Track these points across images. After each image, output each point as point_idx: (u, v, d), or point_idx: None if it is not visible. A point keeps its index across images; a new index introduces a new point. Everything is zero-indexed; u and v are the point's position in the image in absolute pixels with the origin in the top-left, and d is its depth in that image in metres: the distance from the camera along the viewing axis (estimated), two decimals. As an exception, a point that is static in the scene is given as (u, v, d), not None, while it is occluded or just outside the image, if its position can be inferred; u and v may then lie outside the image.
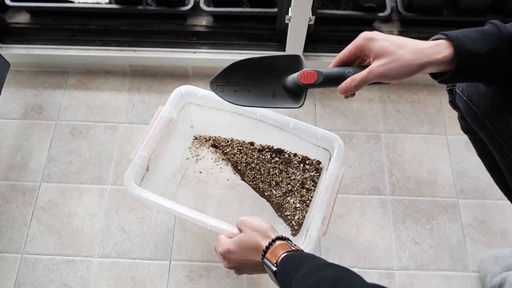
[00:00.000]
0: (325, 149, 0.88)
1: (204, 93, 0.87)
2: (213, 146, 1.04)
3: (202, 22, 1.15)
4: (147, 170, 0.85)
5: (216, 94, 0.62)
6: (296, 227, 0.93)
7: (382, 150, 1.09)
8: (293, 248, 0.57)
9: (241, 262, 0.61)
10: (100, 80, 1.20)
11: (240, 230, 0.64)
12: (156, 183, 0.91)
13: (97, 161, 1.08)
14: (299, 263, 0.51)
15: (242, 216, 0.68)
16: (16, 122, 1.12)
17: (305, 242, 0.73)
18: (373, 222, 1.00)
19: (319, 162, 1.00)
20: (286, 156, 1.00)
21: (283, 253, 0.55)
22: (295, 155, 1.02)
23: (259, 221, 0.62)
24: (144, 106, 1.16)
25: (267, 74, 0.62)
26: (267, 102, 0.61)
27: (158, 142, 0.84)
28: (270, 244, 0.57)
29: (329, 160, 0.85)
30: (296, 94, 0.60)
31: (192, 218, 0.74)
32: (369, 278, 0.92)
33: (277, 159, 1.00)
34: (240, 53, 1.11)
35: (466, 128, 0.72)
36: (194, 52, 1.12)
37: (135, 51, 1.13)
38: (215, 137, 1.05)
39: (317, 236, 0.73)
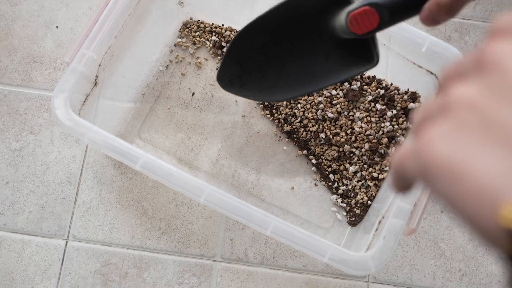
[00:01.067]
0: (432, 73, 0.81)
1: None
2: (218, 46, 0.93)
3: None
4: (95, 84, 0.79)
5: (236, 94, 0.65)
6: (357, 211, 0.86)
7: None
8: None
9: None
10: None
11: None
12: (110, 109, 0.88)
13: None
14: None
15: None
16: None
17: (377, 244, 0.69)
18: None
19: (414, 97, 0.89)
20: (354, 87, 0.89)
21: None
22: (370, 81, 0.90)
23: None
24: None
25: (301, 27, 0.61)
26: (321, 76, 0.61)
27: (117, 34, 0.78)
28: None
29: (436, 95, 0.73)
30: (359, 43, 0.59)
31: (179, 183, 0.69)
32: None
33: (334, 92, 0.90)
34: None
35: None
36: None
37: None
38: (223, 27, 0.94)
39: (399, 236, 0.68)
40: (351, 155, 0.87)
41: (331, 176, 0.86)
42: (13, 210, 0.85)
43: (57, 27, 0.93)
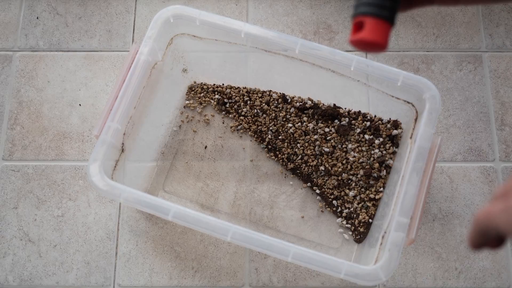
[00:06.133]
0: (409, 102, 0.82)
1: (204, 18, 0.80)
2: (221, 103, 0.95)
3: None
4: (122, 150, 0.80)
5: None
6: (361, 230, 0.87)
7: (485, 82, 0.99)
8: None
9: None
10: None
11: None
12: (136, 169, 0.89)
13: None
14: None
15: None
16: None
17: (383, 256, 0.69)
18: (472, 210, 0.91)
19: (396, 125, 0.91)
20: (344, 123, 0.92)
21: None
22: (356, 116, 0.93)
23: None
24: (57, 20, 1.02)
25: None
26: None
27: (136, 105, 0.79)
28: None
29: (415, 121, 0.81)
30: None
31: (207, 227, 0.70)
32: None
33: (327, 129, 0.92)
34: None
35: None
36: None
37: None
38: (223, 86, 0.96)
39: (402, 247, 0.69)
40: (349, 181, 0.88)
41: (334, 202, 0.87)
42: (63, 269, 0.86)
43: (80, 105, 0.95)
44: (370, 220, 0.86)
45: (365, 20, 0.38)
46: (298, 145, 0.91)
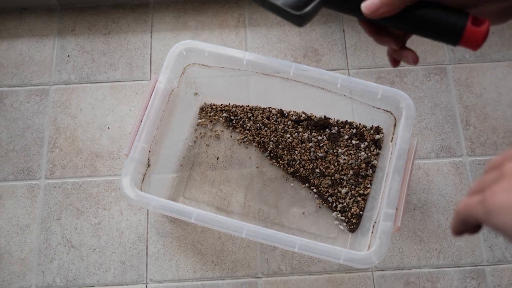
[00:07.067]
0: (388, 111, 0.84)
1: (212, 50, 0.82)
2: (228, 120, 0.98)
3: None
4: (148, 165, 0.82)
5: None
6: (353, 221, 0.90)
7: (450, 89, 1.01)
8: None
9: None
10: (13, 23, 1.08)
11: None
12: (160, 180, 0.91)
13: (20, 145, 0.99)
14: None
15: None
16: None
17: (375, 244, 0.71)
18: (446, 198, 0.93)
19: (378, 131, 0.94)
20: (334, 131, 0.95)
21: None
22: (344, 125, 0.97)
23: None
24: (85, 56, 1.06)
25: None
26: None
27: (158, 126, 0.82)
28: None
29: (394, 126, 0.84)
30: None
31: (224, 226, 0.72)
32: (447, 279, 0.89)
33: (320, 137, 0.95)
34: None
35: None
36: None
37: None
38: (229, 105, 1.00)
39: (390, 234, 0.71)
40: (341, 180, 0.92)
41: (329, 199, 0.91)
42: (102, 269, 0.90)
43: (108, 128, 0.99)
44: (361, 212, 0.89)
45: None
46: (296, 152, 0.94)
